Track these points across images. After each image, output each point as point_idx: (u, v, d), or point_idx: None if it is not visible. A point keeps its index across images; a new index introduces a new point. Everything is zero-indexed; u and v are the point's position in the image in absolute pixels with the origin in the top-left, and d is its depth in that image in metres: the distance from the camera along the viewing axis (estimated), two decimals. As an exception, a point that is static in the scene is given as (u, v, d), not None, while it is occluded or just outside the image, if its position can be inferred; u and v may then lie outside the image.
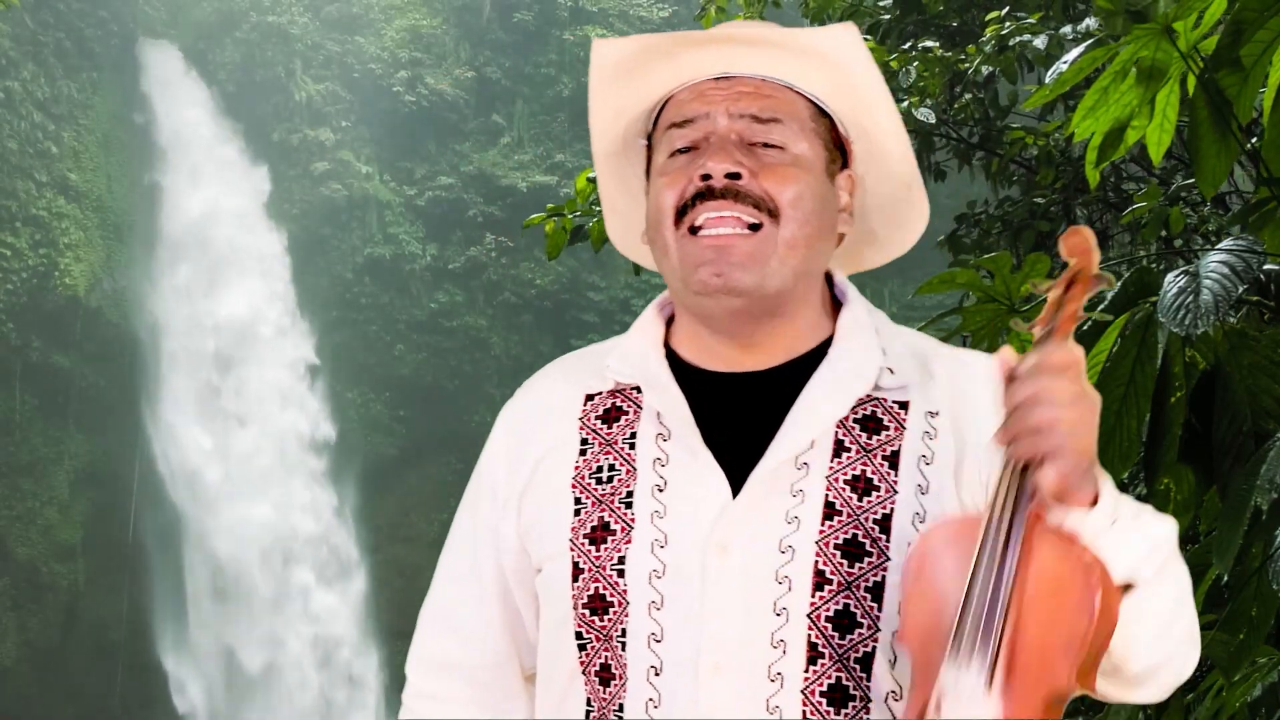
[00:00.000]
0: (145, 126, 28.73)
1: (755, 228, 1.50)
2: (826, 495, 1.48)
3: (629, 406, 1.57)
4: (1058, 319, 1.35)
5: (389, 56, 30.86)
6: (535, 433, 1.61)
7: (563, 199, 5.25)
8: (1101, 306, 2.66)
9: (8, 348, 25.30)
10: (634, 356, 1.59)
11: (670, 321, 1.63)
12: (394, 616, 25.48)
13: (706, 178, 1.50)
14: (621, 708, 1.47)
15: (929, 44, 6.33)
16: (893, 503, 1.48)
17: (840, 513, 1.48)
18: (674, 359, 1.59)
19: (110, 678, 25.27)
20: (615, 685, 1.48)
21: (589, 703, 1.50)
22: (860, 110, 1.60)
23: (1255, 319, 3.21)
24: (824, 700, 1.44)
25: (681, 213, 1.52)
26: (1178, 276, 2.42)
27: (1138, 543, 1.39)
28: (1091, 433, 1.35)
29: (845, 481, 1.49)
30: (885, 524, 1.48)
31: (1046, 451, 1.32)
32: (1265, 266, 2.69)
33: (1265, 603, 2.45)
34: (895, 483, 1.48)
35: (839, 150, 1.61)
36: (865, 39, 6.44)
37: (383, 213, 29.85)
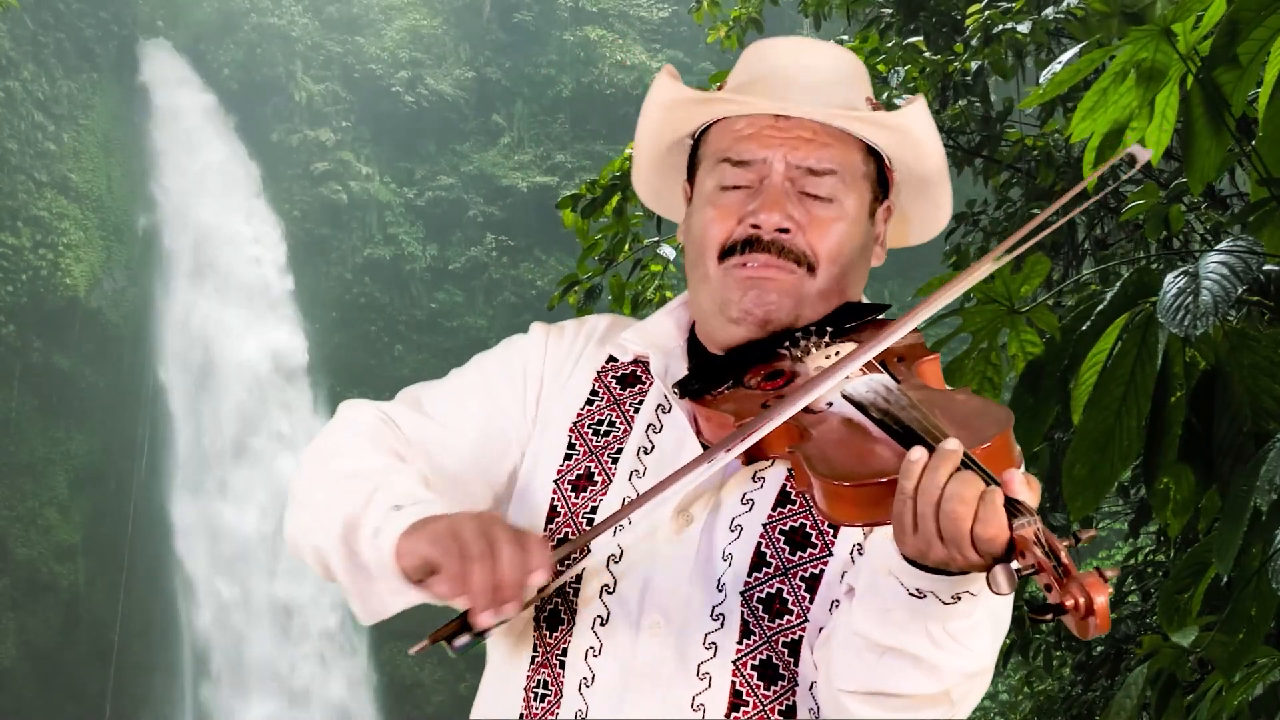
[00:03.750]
0: (145, 126, 28.72)
1: (793, 272, 1.58)
2: (785, 484, 1.54)
3: (646, 377, 1.66)
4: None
5: (389, 57, 30.85)
6: (565, 372, 1.70)
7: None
8: (1101, 306, 2.67)
9: (8, 348, 25.30)
10: (650, 331, 1.69)
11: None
12: (392, 617, 25.37)
13: (756, 226, 1.56)
14: (565, 652, 1.55)
15: (914, 40, 6.28)
16: (827, 521, 1.51)
17: (794, 501, 1.53)
18: (694, 344, 1.67)
19: (110, 678, 25.27)
20: (561, 630, 1.56)
21: (535, 648, 1.58)
22: (916, 161, 1.66)
23: (1255, 319, 3.21)
24: (754, 674, 1.50)
25: (728, 252, 1.58)
26: (1177, 277, 2.42)
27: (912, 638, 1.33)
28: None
29: None
30: None
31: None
32: (1265, 267, 2.70)
33: (1265, 603, 2.45)
34: None
35: (883, 185, 1.66)
36: (861, 29, 6.42)
37: (382, 213, 29.85)
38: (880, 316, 1.58)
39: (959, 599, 1.29)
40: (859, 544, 1.50)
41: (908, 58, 5.95)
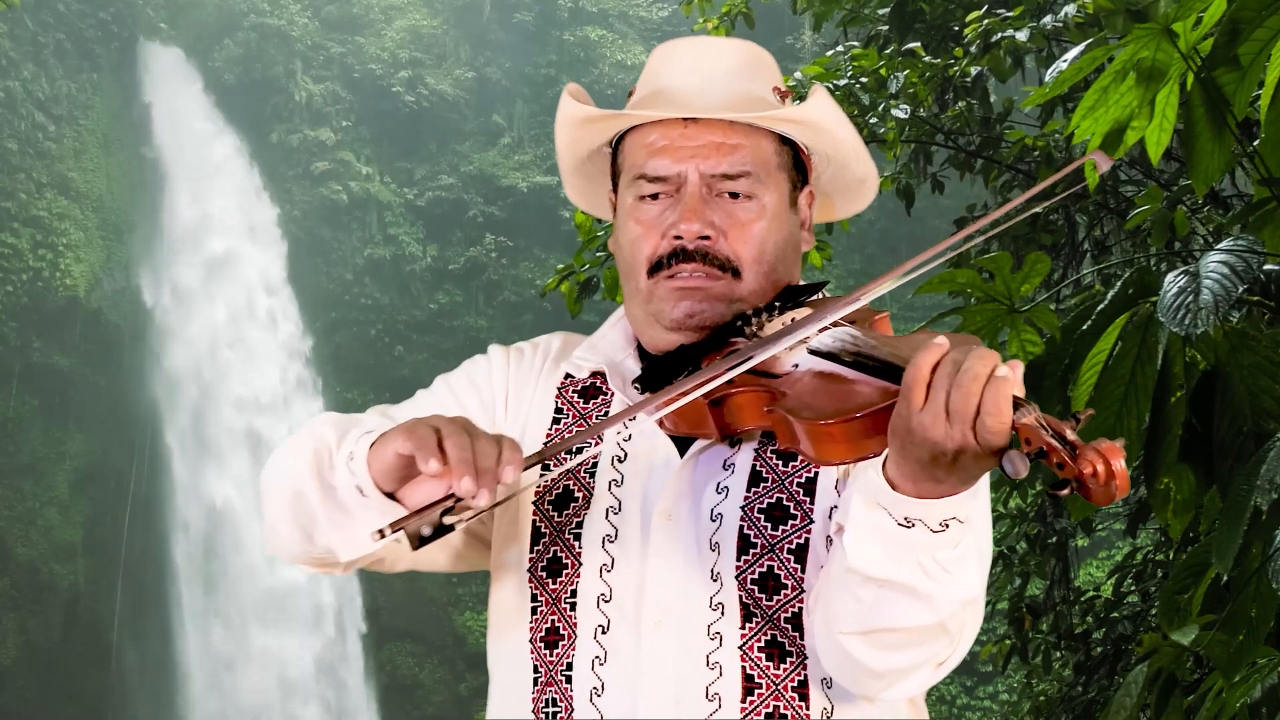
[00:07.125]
0: (145, 127, 28.73)
1: (719, 278, 1.61)
2: (754, 465, 1.57)
3: (607, 388, 1.70)
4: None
5: (389, 57, 30.86)
6: (528, 389, 1.73)
7: (563, 200, 5.35)
8: (1101, 306, 2.66)
9: (8, 348, 25.31)
10: (601, 346, 1.73)
11: None
12: (392, 617, 25.49)
13: (679, 238, 1.60)
14: (570, 666, 1.56)
15: (913, 46, 6.27)
16: (817, 466, 1.56)
17: (766, 479, 1.57)
18: (644, 351, 1.71)
19: (110, 678, 25.27)
20: (563, 646, 1.57)
21: (535, 669, 1.59)
22: (829, 146, 1.70)
23: (1256, 319, 3.21)
24: (762, 656, 1.52)
25: (656, 266, 1.62)
26: (1178, 276, 2.42)
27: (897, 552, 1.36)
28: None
29: (774, 451, 1.58)
30: (810, 487, 1.56)
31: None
32: (1265, 266, 2.70)
33: (1265, 603, 2.45)
34: None
35: (800, 170, 1.70)
36: (854, 46, 6.44)
37: (383, 213, 29.86)
38: (822, 294, 1.61)
39: (946, 527, 1.32)
40: (835, 506, 1.53)
41: (907, 64, 5.96)
